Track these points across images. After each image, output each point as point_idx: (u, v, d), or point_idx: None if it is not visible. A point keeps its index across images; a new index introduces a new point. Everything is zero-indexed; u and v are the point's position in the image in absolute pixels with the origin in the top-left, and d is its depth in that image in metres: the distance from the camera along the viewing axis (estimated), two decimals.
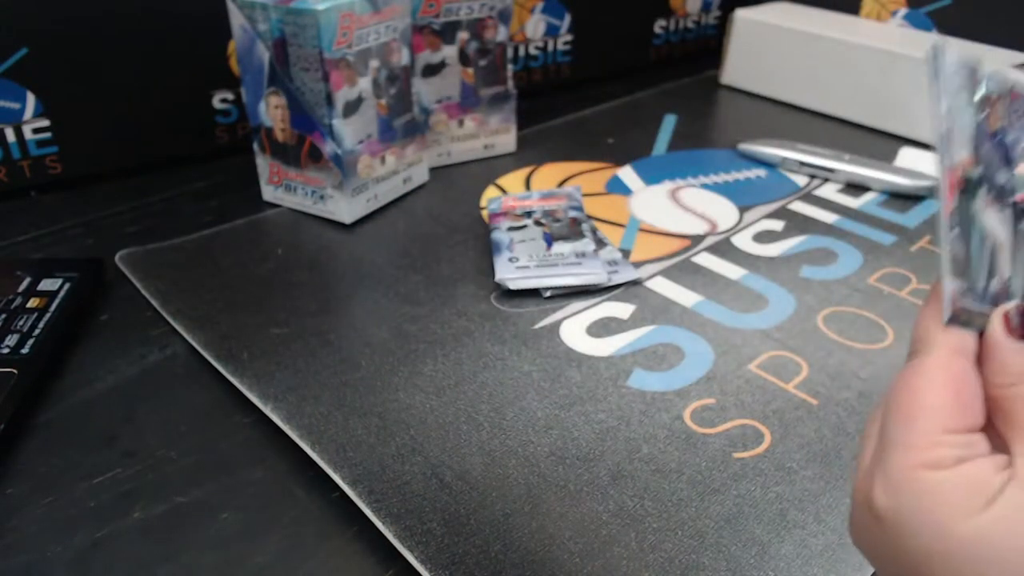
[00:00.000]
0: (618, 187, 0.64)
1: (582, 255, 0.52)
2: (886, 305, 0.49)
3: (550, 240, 0.53)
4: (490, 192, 0.63)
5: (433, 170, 0.66)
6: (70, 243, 0.56)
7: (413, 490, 0.35)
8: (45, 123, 0.61)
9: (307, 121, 0.55)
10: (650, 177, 0.66)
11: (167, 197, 0.62)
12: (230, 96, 0.68)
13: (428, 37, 0.62)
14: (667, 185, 0.65)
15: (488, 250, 0.54)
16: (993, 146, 0.26)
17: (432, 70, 0.64)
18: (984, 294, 0.24)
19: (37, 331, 0.43)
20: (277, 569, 0.32)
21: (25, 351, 0.42)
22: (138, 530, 0.34)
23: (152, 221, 0.59)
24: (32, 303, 0.46)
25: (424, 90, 0.64)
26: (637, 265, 0.53)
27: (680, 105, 0.83)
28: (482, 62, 0.65)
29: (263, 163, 0.60)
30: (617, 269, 0.51)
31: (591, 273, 0.50)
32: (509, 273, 0.50)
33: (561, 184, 0.65)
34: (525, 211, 0.57)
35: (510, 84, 0.67)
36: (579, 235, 0.54)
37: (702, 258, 0.54)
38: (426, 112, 0.65)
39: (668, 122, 0.78)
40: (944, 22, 0.79)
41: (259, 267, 0.52)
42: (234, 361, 0.43)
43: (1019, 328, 0.23)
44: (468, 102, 0.66)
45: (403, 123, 0.60)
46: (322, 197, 0.58)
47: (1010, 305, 0.24)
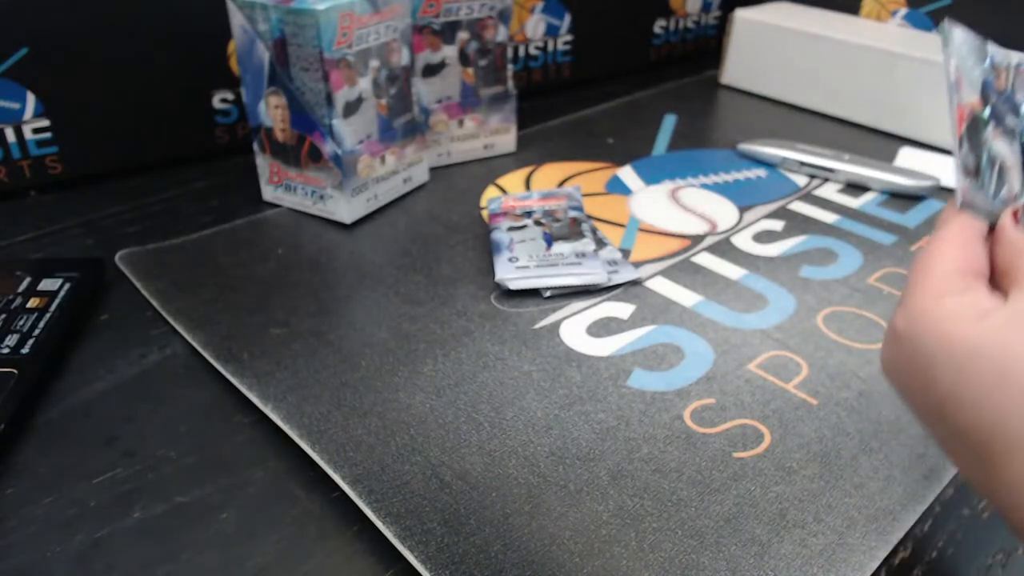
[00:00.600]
0: (618, 187, 0.64)
1: (582, 255, 0.52)
2: (886, 305, 0.49)
3: (550, 240, 0.53)
4: (490, 192, 0.63)
5: (433, 170, 0.66)
6: (70, 243, 0.56)
7: (413, 490, 0.35)
8: (45, 123, 0.61)
9: (307, 121, 0.55)
10: (650, 177, 0.66)
11: (167, 197, 0.62)
12: (230, 96, 0.68)
13: (428, 37, 0.62)
14: (667, 185, 0.65)
15: (488, 250, 0.54)
16: (1002, 100, 0.30)
17: (432, 70, 0.64)
18: (994, 198, 0.29)
19: (37, 331, 0.43)
20: (277, 569, 0.32)
21: (25, 351, 0.42)
22: (138, 530, 0.34)
23: (152, 221, 0.59)
24: (32, 303, 0.46)
25: (424, 90, 0.64)
26: (637, 265, 0.53)
27: (680, 105, 0.83)
28: (482, 62, 0.65)
29: (263, 163, 0.60)
30: (617, 269, 0.51)
31: (591, 273, 0.50)
32: (509, 273, 0.50)
33: (561, 184, 0.65)
34: (525, 211, 0.57)
35: (510, 84, 0.67)
36: (579, 235, 0.54)
37: (702, 258, 0.54)
38: (426, 112, 0.65)
39: (668, 122, 0.78)
40: None
41: (259, 267, 0.52)
42: (234, 361, 0.43)
43: None
44: (468, 102, 0.66)
45: (403, 123, 0.60)
46: (322, 197, 0.58)
47: (1020, 202, 0.29)
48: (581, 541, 0.33)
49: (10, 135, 0.60)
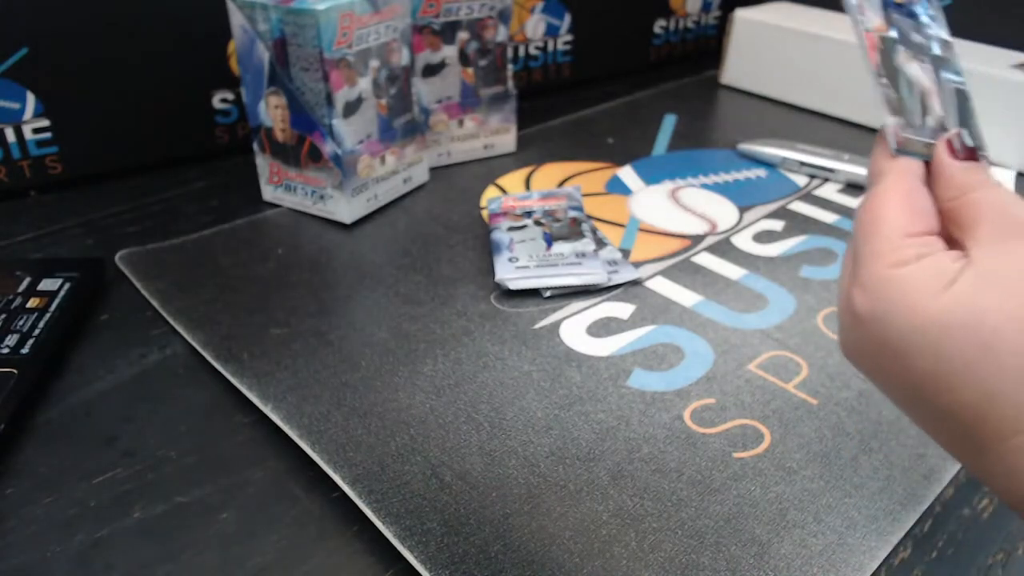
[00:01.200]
0: (618, 187, 0.64)
1: (582, 255, 0.52)
2: None
3: (550, 240, 0.53)
4: (490, 192, 0.63)
5: (433, 170, 0.66)
6: (70, 243, 0.56)
7: (413, 490, 0.35)
8: (45, 123, 0.61)
9: (307, 121, 0.55)
10: (650, 177, 0.66)
11: (167, 197, 0.62)
12: (230, 96, 0.68)
13: (428, 37, 0.62)
14: (667, 185, 0.65)
15: (488, 250, 0.54)
16: (902, 15, 0.29)
17: (432, 70, 0.64)
18: (922, 128, 0.27)
19: (37, 331, 0.43)
20: (277, 569, 0.32)
21: (25, 351, 0.42)
22: (138, 530, 0.34)
23: (152, 221, 0.59)
24: (32, 303, 0.46)
25: (424, 90, 0.64)
26: (637, 265, 0.53)
27: (680, 105, 0.83)
28: (482, 62, 0.65)
29: (263, 163, 0.60)
30: (617, 269, 0.51)
31: (591, 273, 0.50)
32: (509, 273, 0.50)
33: (561, 184, 0.65)
34: (525, 211, 0.57)
35: (510, 84, 0.67)
36: (579, 235, 0.54)
37: (702, 258, 0.54)
38: (426, 112, 0.65)
39: (668, 122, 0.78)
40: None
41: (259, 267, 0.52)
42: (234, 361, 0.43)
43: (963, 152, 0.26)
44: (468, 102, 0.66)
45: (403, 123, 0.60)
46: (322, 197, 0.58)
47: (952, 132, 0.27)
48: (581, 541, 0.33)
49: (10, 135, 0.60)
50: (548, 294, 0.49)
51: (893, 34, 0.28)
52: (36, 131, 0.61)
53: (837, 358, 0.44)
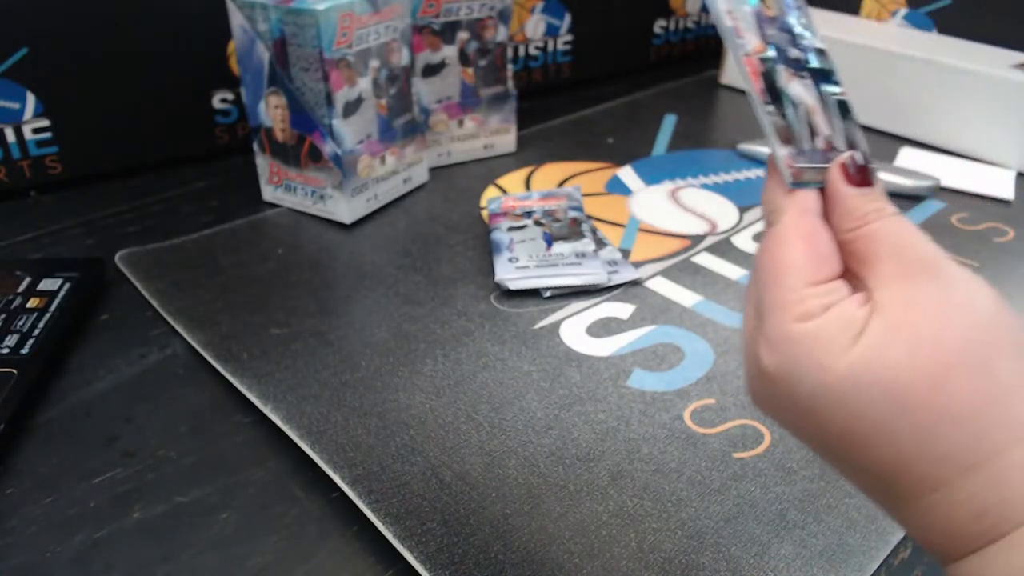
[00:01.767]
0: (618, 187, 0.64)
1: (582, 255, 0.52)
2: None
3: (550, 240, 0.53)
4: (490, 192, 0.63)
5: (433, 170, 0.66)
6: (70, 243, 0.56)
7: (413, 490, 0.35)
8: (45, 123, 0.61)
9: (307, 121, 0.55)
10: (650, 177, 0.66)
11: (167, 197, 0.62)
12: (230, 96, 0.68)
13: (428, 37, 0.62)
14: (667, 185, 0.65)
15: (488, 250, 0.54)
16: (777, 30, 0.28)
17: (432, 70, 0.64)
18: (813, 153, 0.26)
19: (37, 331, 0.43)
20: (277, 569, 0.32)
21: (25, 351, 0.42)
22: (138, 530, 0.34)
23: (152, 221, 0.59)
24: (32, 303, 0.46)
25: (424, 90, 0.64)
26: (637, 265, 0.53)
27: (680, 105, 0.83)
28: (482, 62, 0.65)
29: (263, 163, 0.60)
30: (617, 269, 0.51)
31: (591, 273, 0.50)
32: (509, 273, 0.50)
33: (561, 184, 0.65)
34: (525, 211, 0.57)
35: (510, 84, 0.67)
36: (579, 235, 0.54)
37: (702, 258, 0.54)
38: (426, 112, 0.65)
39: (668, 122, 0.78)
40: (944, 22, 0.79)
41: (259, 267, 0.52)
42: (234, 361, 0.43)
43: (856, 175, 0.25)
44: (468, 102, 0.66)
45: (403, 123, 0.60)
46: (322, 197, 0.58)
47: (844, 156, 0.26)
48: (581, 541, 0.33)
49: (10, 135, 0.60)
50: (548, 294, 0.49)
51: (772, 53, 0.27)
52: (36, 131, 0.61)
53: None
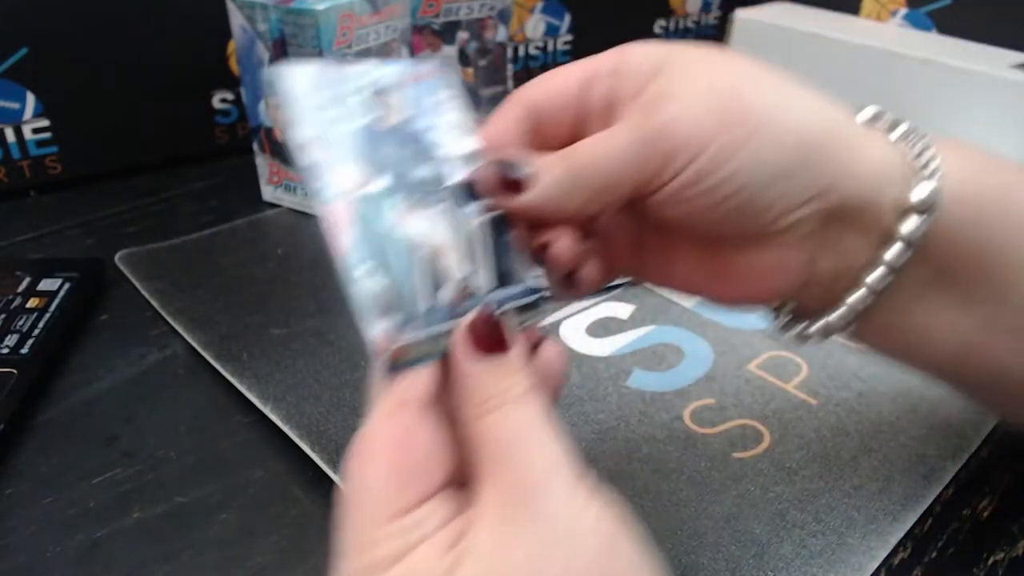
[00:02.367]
0: None
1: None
2: None
3: None
4: None
5: None
6: (70, 243, 0.56)
7: None
8: (45, 123, 0.61)
9: None
10: None
11: (167, 197, 0.62)
12: (230, 96, 0.68)
13: (428, 37, 0.62)
14: None
15: None
16: (397, 144, 0.22)
17: None
18: (433, 313, 0.20)
19: (37, 331, 0.43)
20: (277, 569, 0.32)
21: (25, 351, 0.42)
22: (138, 530, 0.34)
23: (152, 221, 0.59)
24: (32, 303, 0.46)
25: None
26: None
27: None
28: (482, 62, 0.65)
29: (263, 163, 0.60)
30: None
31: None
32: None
33: None
34: None
35: (510, 84, 0.67)
36: None
37: None
38: None
39: None
40: (944, 22, 0.79)
41: (259, 267, 0.52)
42: (234, 361, 0.43)
43: (487, 339, 0.20)
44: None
45: None
46: None
47: (471, 316, 0.21)
48: None
49: (10, 135, 0.60)
50: (548, 294, 0.49)
51: (384, 183, 0.21)
52: (36, 131, 0.61)
53: (837, 358, 0.44)
